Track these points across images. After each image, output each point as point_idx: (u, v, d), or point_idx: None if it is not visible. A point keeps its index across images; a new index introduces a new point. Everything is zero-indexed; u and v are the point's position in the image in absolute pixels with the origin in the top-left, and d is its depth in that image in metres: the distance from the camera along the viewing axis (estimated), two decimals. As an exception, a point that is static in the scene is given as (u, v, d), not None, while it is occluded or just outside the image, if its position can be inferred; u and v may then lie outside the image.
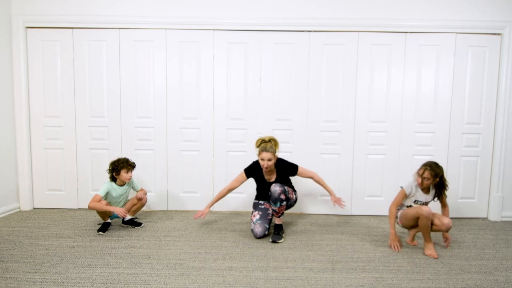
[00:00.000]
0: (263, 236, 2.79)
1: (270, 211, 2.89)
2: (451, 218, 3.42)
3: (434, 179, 2.54)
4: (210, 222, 3.22)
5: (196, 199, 3.58)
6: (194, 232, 2.95)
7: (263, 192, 2.97)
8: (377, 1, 3.34)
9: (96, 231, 2.88)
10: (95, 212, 3.34)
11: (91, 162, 3.54)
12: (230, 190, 2.96)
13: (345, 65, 3.43)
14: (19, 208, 3.52)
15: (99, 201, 2.77)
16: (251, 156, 3.43)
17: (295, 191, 2.96)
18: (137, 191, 3.12)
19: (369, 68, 3.42)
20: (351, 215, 3.53)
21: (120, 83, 3.47)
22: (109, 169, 2.95)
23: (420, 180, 2.56)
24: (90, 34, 3.42)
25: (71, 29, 3.42)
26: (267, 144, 2.76)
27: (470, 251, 2.61)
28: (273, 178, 2.90)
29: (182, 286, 2.00)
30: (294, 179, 3.15)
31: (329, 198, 3.53)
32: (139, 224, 3.06)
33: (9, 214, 3.35)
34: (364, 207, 3.54)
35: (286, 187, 2.74)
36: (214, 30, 3.41)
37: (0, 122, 3.30)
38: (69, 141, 3.52)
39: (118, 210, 2.77)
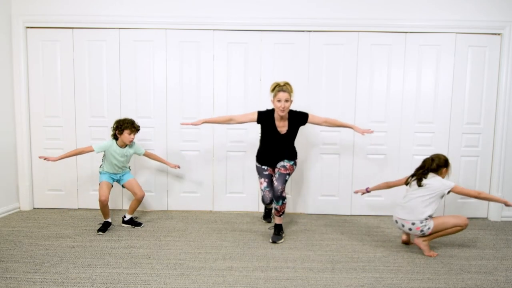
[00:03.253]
0: (271, 202, 2.86)
1: (274, 177, 2.91)
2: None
3: None
4: (210, 222, 3.22)
5: (196, 199, 3.58)
6: (194, 232, 2.95)
7: (268, 148, 2.89)
8: (377, 1, 3.34)
9: (96, 231, 2.88)
10: (95, 212, 3.35)
11: (91, 162, 3.54)
12: (232, 119, 2.90)
13: (345, 65, 3.42)
14: (19, 208, 3.52)
15: (84, 152, 2.87)
16: (251, 156, 3.42)
17: (295, 156, 2.93)
18: (142, 155, 3.09)
19: (369, 68, 3.42)
20: (351, 215, 3.53)
21: (120, 83, 3.47)
22: (113, 127, 2.90)
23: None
24: (90, 34, 3.42)
25: (71, 29, 3.42)
26: (283, 86, 2.77)
27: (470, 251, 2.61)
28: (284, 128, 2.84)
29: (182, 286, 2.00)
30: (298, 173, 3.15)
31: (330, 198, 3.54)
32: (139, 224, 3.06)
33: (9, 214, 3.35)
34: (364, 207, 3.53)
35: (287, 176, 2.79)
36: (214, 30, 3.41)
37: (0, 122, 3.30)
38: (69, 141, 3.52)
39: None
